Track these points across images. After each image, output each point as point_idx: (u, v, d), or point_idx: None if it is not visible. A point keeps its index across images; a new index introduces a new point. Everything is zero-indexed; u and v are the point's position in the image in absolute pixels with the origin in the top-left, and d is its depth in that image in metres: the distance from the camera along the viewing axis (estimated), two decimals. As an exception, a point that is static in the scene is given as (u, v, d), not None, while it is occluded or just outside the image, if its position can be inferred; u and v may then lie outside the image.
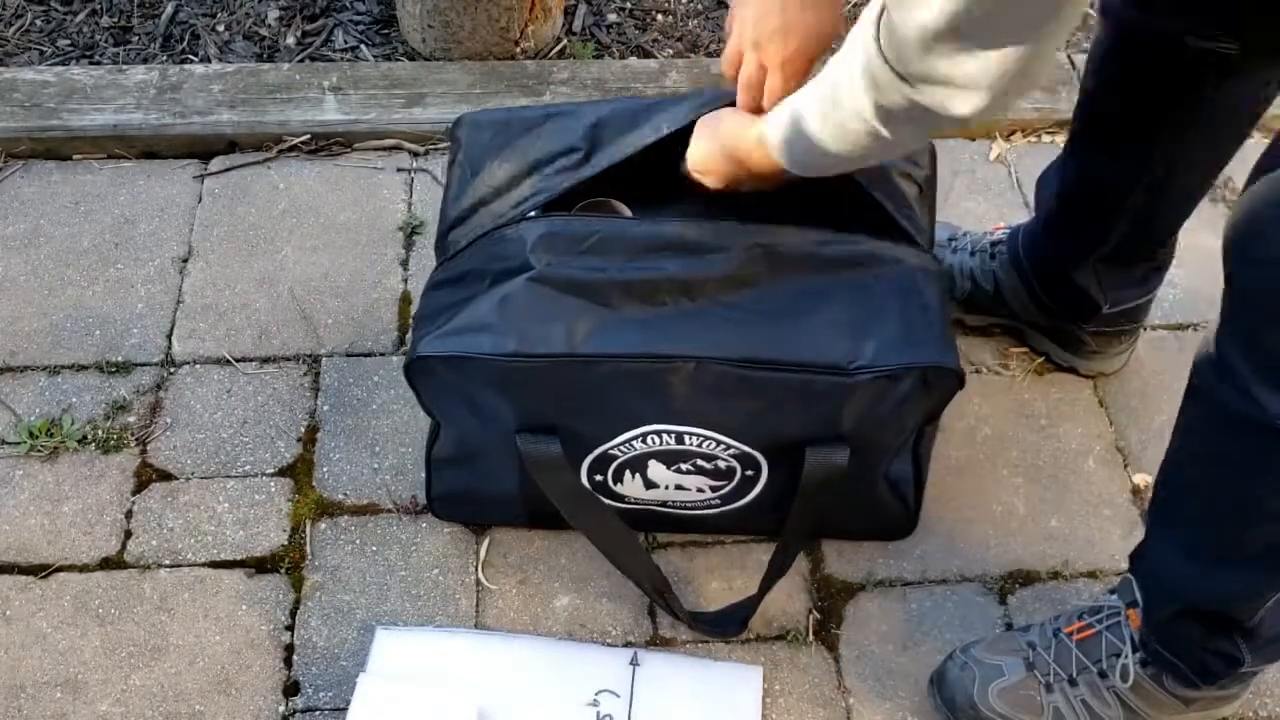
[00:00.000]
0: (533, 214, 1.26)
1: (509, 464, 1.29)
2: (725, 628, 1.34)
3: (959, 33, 0.85)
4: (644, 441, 1.25)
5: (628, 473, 1.29)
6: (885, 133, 0.99)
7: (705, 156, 1.21)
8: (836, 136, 1.03)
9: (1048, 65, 0.90)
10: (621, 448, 1.26)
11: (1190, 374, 1.06)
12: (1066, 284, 1.48)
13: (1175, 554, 1.13)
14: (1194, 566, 1.11)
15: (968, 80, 0.89)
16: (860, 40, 0.97)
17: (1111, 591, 1.25)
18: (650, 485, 1.30)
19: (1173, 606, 1.15)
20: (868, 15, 0.95)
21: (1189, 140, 1.29)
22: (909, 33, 0.88)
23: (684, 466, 1.28)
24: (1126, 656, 1.20)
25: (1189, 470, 1.11)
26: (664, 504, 1.34)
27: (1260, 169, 0.99)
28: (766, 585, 1.33)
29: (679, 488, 1.31)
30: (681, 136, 1.24)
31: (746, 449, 1.25)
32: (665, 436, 1.24)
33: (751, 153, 1.15)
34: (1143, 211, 1.37)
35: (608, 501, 1.32)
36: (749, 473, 1.29)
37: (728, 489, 1.31)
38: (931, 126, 0.99)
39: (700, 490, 1.31)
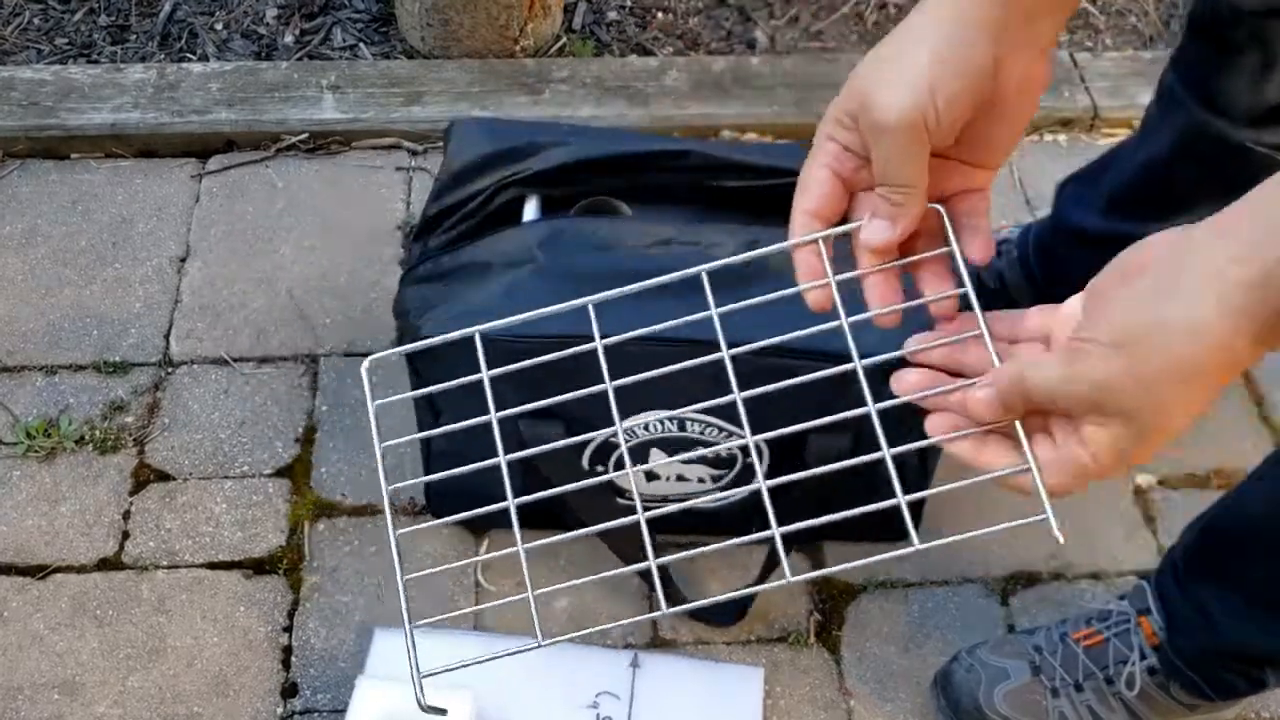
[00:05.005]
0: (535, 217, 1.26)
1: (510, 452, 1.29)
2: (722, 616, 1.34)
3: None
4: (646, 429, 1.25)
5: (629, 463, 1.29)
6: None
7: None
8: None
9: None
10: (624, 435, 1.26)
11: None
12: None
13: (1223, 603, 1.10)
14: (1245, 619, 1.08)
15: None
16: None
17: (1122, 597, 1.23)
18: (651, 476, 1.30)
19: (1210, 645, 1.12)
20: None
21: None
22: None
23: (685, 455, 1.28)
24: (1134, 664, 1.18)
25: (1252, 523, 1.07)
26: (664, 499, 1.34)
27: None
28: (765, 573, 1.32)
29: (680, 478, 1.31)
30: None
31: (748, 434, 1.25)
32: (667, 423, 1.25)
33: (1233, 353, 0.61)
34: None
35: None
36: (749, 460, 1.29)
37: (728, 478, 1.31)
38: None
39: (701, 480, 1.31)
